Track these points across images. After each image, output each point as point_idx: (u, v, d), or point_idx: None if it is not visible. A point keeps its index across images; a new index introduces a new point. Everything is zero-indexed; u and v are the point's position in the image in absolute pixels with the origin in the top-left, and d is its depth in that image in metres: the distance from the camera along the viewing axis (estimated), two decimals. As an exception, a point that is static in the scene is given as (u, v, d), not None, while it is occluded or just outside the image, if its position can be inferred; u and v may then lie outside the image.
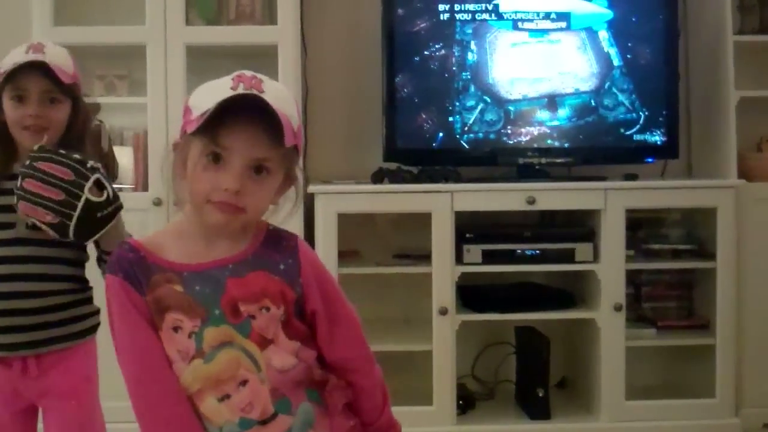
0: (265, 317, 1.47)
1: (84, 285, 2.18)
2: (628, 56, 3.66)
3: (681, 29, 3.77)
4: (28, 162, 1.99)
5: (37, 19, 3.44)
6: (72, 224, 1.96)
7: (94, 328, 2.20)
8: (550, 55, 3.65)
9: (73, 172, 1.98)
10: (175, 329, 1.46)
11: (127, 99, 3.66)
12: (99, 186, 2.01)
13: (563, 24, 3.65)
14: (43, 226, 1.97)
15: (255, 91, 1.40)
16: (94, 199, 1.98)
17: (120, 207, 2.07)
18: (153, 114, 3.49)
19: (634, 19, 3.68)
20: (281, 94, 1.45)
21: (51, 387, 2.12)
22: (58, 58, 2.11)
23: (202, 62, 3.61)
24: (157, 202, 3.42)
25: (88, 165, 2.02)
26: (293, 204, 1.56)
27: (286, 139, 1.39)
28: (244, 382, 1.46)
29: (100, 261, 2.14)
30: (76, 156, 2.01)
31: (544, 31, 3.65)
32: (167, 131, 3.44)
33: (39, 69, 2.05)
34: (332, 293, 1.58)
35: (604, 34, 3.65)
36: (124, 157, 3.56)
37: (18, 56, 2.08)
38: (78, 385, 2.15)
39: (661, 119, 3.67)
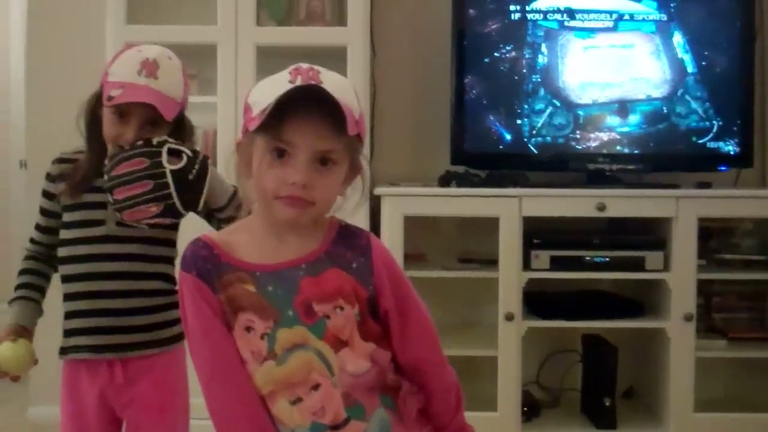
0: (340, 317, 1.45)
1: (173, 286, 2.14)
2: (703, 63, 3.58)
3: (757, 34, 3.68)
4: (106, 177, 2.00)
5: (111, 18, 3.47)
6: (175, 200, 1.95)
7: (182, 336, 2.12)
8: (623, 60, 3.59)
9: (145, 157, 1.96)
10: (248, 329, 1.44)
11: (196, 98, 3.61)
12: (174, 153, 1.98)
13: (636, 28, 3.58)
14: (156, 220, 1.97)
15: (313, 83, 1.39)
16: (176, 167, 1.96)
17: (205, 158, 2.03)
18: (222, 113, 3.50)
19: (709, 24, 3.60)
20: (340, 83, 1.43)
21: (137, 398, 2.10)
22: (169, 84, 2.04)
23: (272, 62, 3.60)
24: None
25: (154, 143, 1.99)
26: (360, 194, 1.54)
27: (349, 128, 1.38)
28: (316, 386, 1.44)
29: (211, 219, 2.14)
30: (139, 143, 1.99)
31: (617, 35, 3.59)
32: (236, 130, 3.45)
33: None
34: (405, 291, 1.55)
35: (678, 40, 3.58)
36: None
37: (129, 74, 2.01)
38: (166, 399, 2.13)
39: (735, 128, 3.58)
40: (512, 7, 3.57)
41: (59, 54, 3.78)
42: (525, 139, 3.58)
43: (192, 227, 2.03)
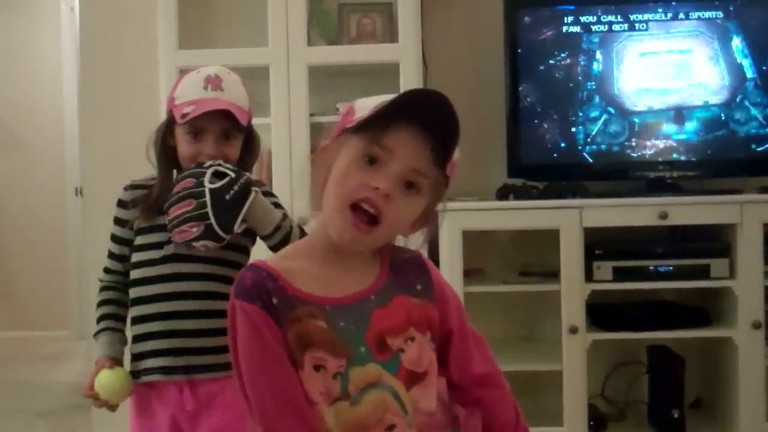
0: (413, 349, 1.38)
1: None
2: (763, 67, 3.51)
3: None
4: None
5: (162, 44, 3.52)
6: (212, 220, 1.96)
7: None
8: (680, 66, 3.54)
9: (193, 177, 1.99)
10: (317, 368, 1.33)
11: None
12: (218, 174, 1.99)
13: (694, 32, 3.53)
14: (199, 243, 1.99)
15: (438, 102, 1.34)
16: (214, 186, 1.97)
17: (249, 181, 2.02)
18: (277, 134, 3.51)
19: (767, 27, 3.53)
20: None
21: (207, 422, 2.09)
22: (237, 95, 2.13)
23: (325, 82, 3.65)
24: (282, 222, 3.43)
25: (206, 165, 2.01)
26: (423, 238, 1.47)
27: (448, 162, 1.35)
28: (390, 427, 1.35)
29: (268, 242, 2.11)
30: (194, 165, 2.03)
31: (674, 41, 3.54)
32: (290, 151, 3.46)
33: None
34: (461, 309, 1.50)
35: (737, 44, 3.52)
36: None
37: (196, 91, 2.08)
38: (236, 424, 2.04)
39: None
40: (567, 14, 3.54)
41: (112, 81, 3.82)
42: (579, 147, 3.54)
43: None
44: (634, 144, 3.55)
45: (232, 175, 2.00)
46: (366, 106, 1.37)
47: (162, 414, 2.12)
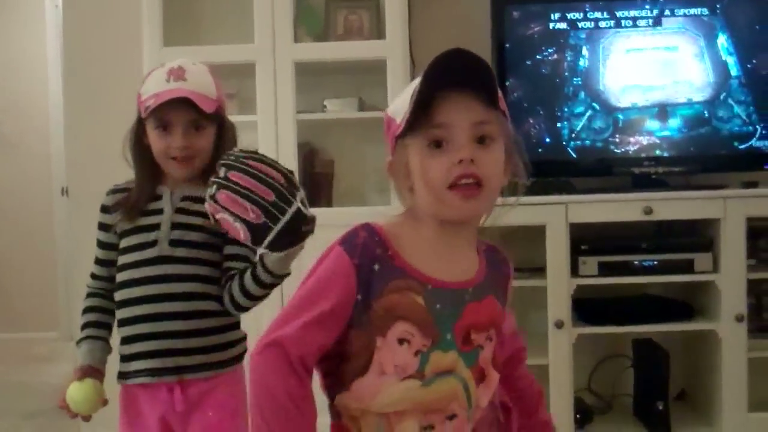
0: (489, 348, 1.43)
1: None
2: (748, 66, 3.55)
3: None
4: (234, 157, 1.85)
5: (147, 40, 3.51)
6: (276, 229, 1.81)
7: (241, 357, 2.15)
8: (665, 63, 3.57)
9: (285, 179, 1.84)
10: (401, 341, 1.35)
11: (237, 117, 3.62)
12: (305, 203, 1.88)
13: (680, 30, 3.56)
14: (237, 224, 1.81)
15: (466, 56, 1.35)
16: (304, 211, 1.84)
17: (313, 230, 1.92)
18: (263, 131, 3.51)
19: (754, 25, 3.57)
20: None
21: (198, 422, 2.08)
22: (200, 84, 2.09)
23: (311, 78, 3.65)
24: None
25: (296, 177, 1.91)
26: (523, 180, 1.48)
27: (495, 98, 1.36)
28: (451, 417, 1.38)
29: (256, 275, 2.01)
30: (283, 166, 1.89)
31: (660, 37, 3.57)
32: (277, 148, 3.46)
33: (181, 98, 2.04)
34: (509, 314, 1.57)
35: (722, 42, 3.55)
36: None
37: (159, 84, 2.07)
38: (226, 422, 2.10)
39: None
40: (554, 10, 3.57)
41: (97, 80, 3.81)
42: (564, 143, 3.57)
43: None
44: (617, 140, 3.58)
45: (310, 216, 1.87)
46: (400, 109, 1.38)
47: (151, 415, 2.09)
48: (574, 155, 3.57)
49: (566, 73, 3.58)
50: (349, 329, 1.37)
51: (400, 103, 1.39)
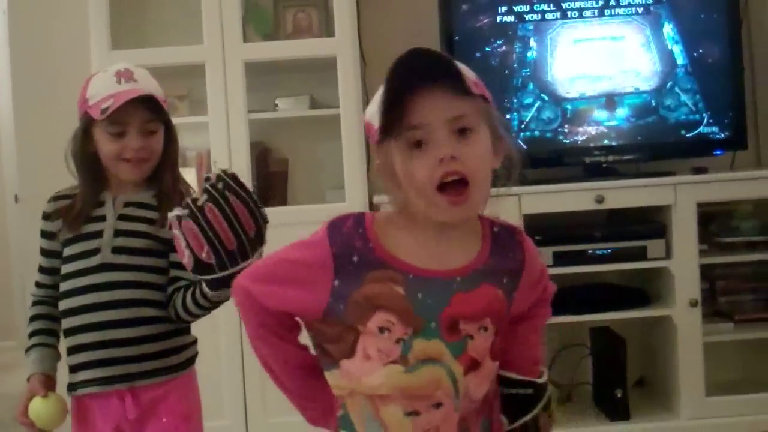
0: (482, 338, 1.40)
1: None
2: (694, 54, 3.58)
3: (743, 17, 3.69)
4: (222, 185, 1.80)
5: (95, 44, 3.47)
6: (219, 275, 1.80)
7: (192, 360, 2.14)
8: (612, 52, 3.60)
9: (256, 230, 1.81)
10: (382, 330, 1.36)
11: (188, 119, 3.66)
12: (261, 256, 1.83)
13: (626, 19, 3.59)
14: (187, 252, 1.80)
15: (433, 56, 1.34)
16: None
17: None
18: (215, 132, 3.49)
19: (698, 13, 3.60)
20: (442, 57, 1.37)
21: (151, 428, 2.06)
22: (150, 85, 2.09)
23: (262, 78, 3.64)
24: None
25: (266, 223, 1.86)
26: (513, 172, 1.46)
27: (468, 83, 1.34)
28: (438, 405, 1.38)
29: (188, 296, 2.02)
30: (264, 212, 1.85)
31: (607, 27, 3.60)
32: (229, 149, 3.45)
33: (137, 100, 2.01)
34: (540, 283, 1.55)
35: (668, 31, 3.58)
36: (188, 176, 3.56)
37: (110, 86, 2.04)
38: (179, 427, 2.08)
39: (728, 110, 3.59)
40: (501, 3, 3.59)
41: (45, 85, 3.76)
42: (514, 134, 3.57)
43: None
44: (566, 130, 3.60)
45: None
46: (375, 112, 1.37)
47: (105, 425, 2.06)
48: (524, 146, 3.58)
49: (515, 65, 3.60)
50: (327, 315, 1.40)
51: (375, 106, 1.38)
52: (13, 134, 5.45)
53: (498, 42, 3.59)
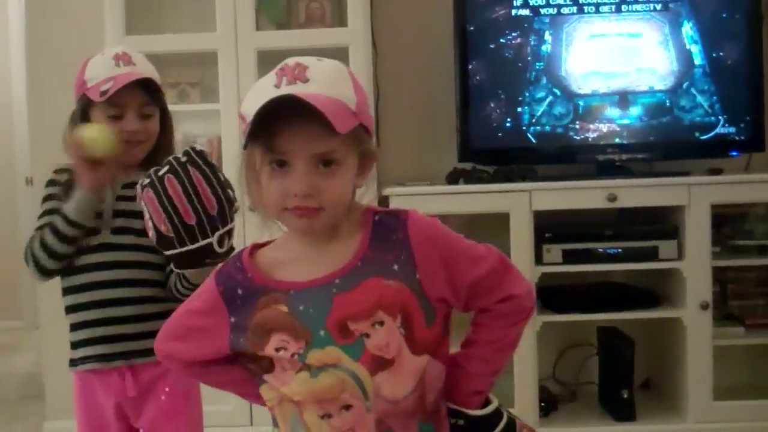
0: (380, 333, 1.34)
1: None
2: (713, 55, 3.53)
3: (765, 18, 3.64)
4: (186, 158, 1.83)
5: (109, 29, 3.47)
6: (178, 251, 1.83)
7: None
8: (629, 50, 3.55)
9: (218, 207, 1.82)
10: (278, 350, 1.37)
11: (199, 106, 3.67)
12: (224, 237, 1.86)
13: (646, 17, 3.54)
14: (150, 224, 1.84)
15: (299, 82, 1.31)
16: (215, 248, 1.83)
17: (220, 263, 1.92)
18: (226, 120, 3.48)
19: (719, 13, 3.55)
20: (330, 75, 1.34)
21: (151, 407, 2.10)
22: (149, 69, 2.11)
23: (274, 67, 3.61)
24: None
25: (234, 209, 1.86)
26: (369, 188, 1.44)
27: (338, 126, 1.28)
28: (347, 407, 1.36)
29: (176, 277, 2.04)
30: (229, 191, 1.85)
31: (625, 24, 3.55)
32: (240, 137, 3.42)
33: (135, 83, 2.04)
34: (458, 262, 1.39)
35: (687, 30, 3.53)
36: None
37: (109, 69, 2.06)
38: (179, 406, 2.11)
39: (744, 111, 3.53)
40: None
41: (60, 69, 3.71)
42: (524, 128, 3.55)
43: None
44: (577, 127, 3.56)
45: (227, 248, 1.87)
46: (249, 111, 1.33)
47: (106, 401, 2.11)
48: (534, 141, 3.55)
49: (528, 58, 3.56)
50: (233, 349, 1.43)
51: (249, 103, 1.34)
52: (26, 118, 5.47)
53: (513, 34, 3.55)
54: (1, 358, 5.66)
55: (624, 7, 3.55)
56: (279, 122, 1.31)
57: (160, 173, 1.81)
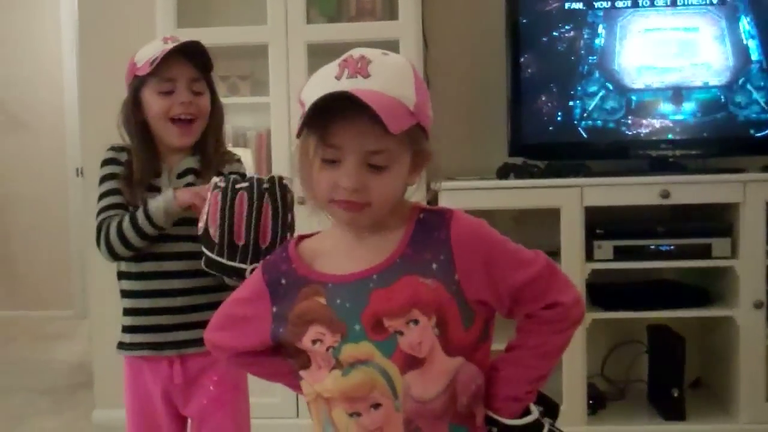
0: (414, 332, 1.33)
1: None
2: (770, 50, 3.46)
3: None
4: (267, 186, 1.86)
5: (160, 22, 3.49)
6: (213, 256, 1.87)
7: None
8: (683, 44, 3.49)
9: (270, 243, 1.85)
10: (314, 342, 1.38)
11: (249, 99, 3.69)
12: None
13: (702, 11, 3.48)
14: (203, 217, 1.89)
15: (359, 77, 1.30)
16: (246, 275, 1.84)
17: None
18: (275, 113, 3.49)
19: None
20: (392, 73, 1.34)
21: (199, 396, 2.13)
22: (197, 47, 2.12)
23: (324, 60, 3.59)
24: (281, 201, 3.41)
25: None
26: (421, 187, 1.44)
27: (391, 127, 1.26)
28: (376, 405, 1.36)
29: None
30: (288, 234, 1.88)
31: (681, 18, 3.50)
32: (290, 130, 3.44)
33: (185, 55, 2.06)
34: (502, 265, 1.36)
35: (745, 24, 3.47)
36: (247, 157, 3.57)
37: (157, 47, 2.08)
38: (227, 395, 2.14)
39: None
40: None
41: (110, 61, 3.74)
42: (576, 122, 3.52)
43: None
44: (630, 122, 3.52)
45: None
46: (308, 98, 1.33)
47: (154, 387, 2.14)
48: (585, 135, 3.51)
49: (581, 52, 3.52)
50: (274, 340, 1.45)
51: (310, 90, 1.34)
52: (77, 109, 5.53)
53: (565, 27, 3.51)
54: (51, 347, 5.73)
55: (680, 1, 3.49)
56: (335, 115, 1.31)
57: (238, 186, 1.84)
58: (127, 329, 2.15)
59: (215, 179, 1.89)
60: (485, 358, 1.41)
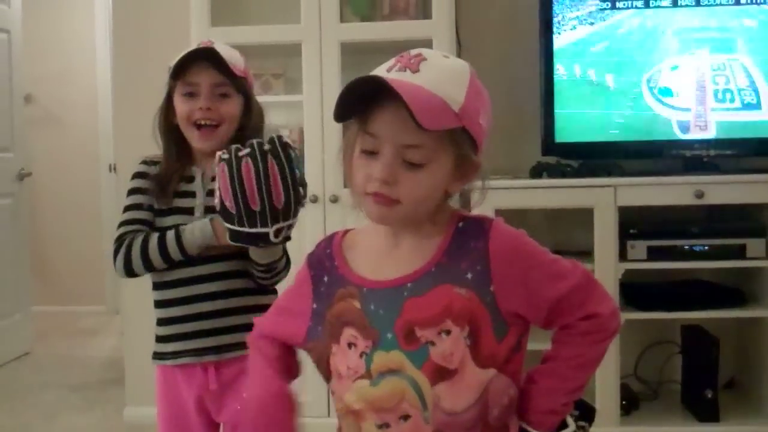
0: (446, 343, 1.31)
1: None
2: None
3: None
4: (269, 146, 1.83)
5: (195, 20, 3.51)
6: (236, 228, 1.87)
7: None
8: (718, 43, 3.47)
9: (284, 201, 1.85)
10: (350, 345, 1.37)
11: (282, 97, 3.71)
12: (283, 229, 1.89)
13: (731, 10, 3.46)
14: (217, 194, 1.88)
15: (408, 71, 1.29)
16: (271, 239, 1.87)
17: (275, 246, 1.98)
18: (309, 111, 3.50)
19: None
20: (443, 73, 1.32)
21: (232, 402, 2.10)
22: (227, 52, 2.09)
23: (357, 58, 3.61)
24: (313, 200, 3.43)
25: (301, 205, 1.90)
26: (480, 195, 1.45)
27: (423, 121, 1.24)
28: (405, 417, 1.33)
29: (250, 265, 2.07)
30: (300, 189, 1.88)
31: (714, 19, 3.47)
32: (323, 129, 3.45)
33: (209, 61, 2.04)
34: (539, 277, 1.35)
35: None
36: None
37: (184, 53, 2.08)
38: None
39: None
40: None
41: (144, 59, 3.82)
42: (609, 121, 3.50)
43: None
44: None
45: (283, 240, 1.94)
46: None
47: (188, 394, 2.13)
48: (620, 137, 3.50)
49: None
50: (308, 339, 1.45)
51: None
52: (110, 106, 5.58)
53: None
54: (83, 343, 5.78)
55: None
56: (377, 104, 1.31)
57: (241, 153, 1.82)
58: (163, 338, 2.13)
59: (219, 153, 1.87)
60: (518, 370, 1.39)
